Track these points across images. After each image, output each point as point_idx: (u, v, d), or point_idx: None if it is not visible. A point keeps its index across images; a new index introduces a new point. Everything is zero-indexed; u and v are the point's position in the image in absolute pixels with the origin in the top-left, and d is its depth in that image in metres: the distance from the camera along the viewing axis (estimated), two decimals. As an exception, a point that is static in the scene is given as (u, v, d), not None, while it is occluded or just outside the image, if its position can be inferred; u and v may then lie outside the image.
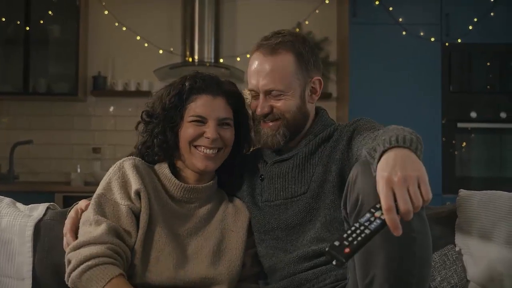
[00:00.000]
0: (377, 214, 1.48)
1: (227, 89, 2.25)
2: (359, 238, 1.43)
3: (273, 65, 2.18)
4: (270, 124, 2.21)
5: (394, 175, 1.49)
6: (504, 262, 2.18)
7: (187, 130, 2.17)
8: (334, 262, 1.42)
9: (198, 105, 2.17)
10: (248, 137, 2.36)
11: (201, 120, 2.17)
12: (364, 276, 1.68)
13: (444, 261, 2.25)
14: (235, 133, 2.26)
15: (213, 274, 2.10)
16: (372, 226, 1.45)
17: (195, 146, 2.17)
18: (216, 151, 2.18)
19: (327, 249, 1.43)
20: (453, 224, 2.32)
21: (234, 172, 2.37)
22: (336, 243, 1.42)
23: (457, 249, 2.28)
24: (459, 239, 2.30)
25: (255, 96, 2.24)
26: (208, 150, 2.16)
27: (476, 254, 2.24)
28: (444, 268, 2.24)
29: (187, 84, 2.20)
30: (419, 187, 1.49)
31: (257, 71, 2.21)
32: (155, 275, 2.02)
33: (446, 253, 2.26)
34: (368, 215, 1.49)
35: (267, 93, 2.19)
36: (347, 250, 1.41)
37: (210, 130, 2.15)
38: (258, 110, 2.21)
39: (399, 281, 1.63)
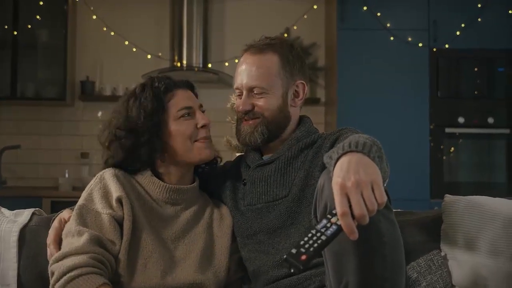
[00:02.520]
0: (333, 219, 1.49)
1: (185, 81, 2.30)
2: (316, 245, 1.43)
3: (258, 63, 2.23)
4: (250, 122, 2.24)
5: (347, 180, 1.50)
6: (489, 267, 2.19)
7: (180, 128, 2.17)
8: (292, 270, 1.42)
9: (180, 98, 2.20)
10: None
11: (189, 112, 2.18)
12: (338, 282, 1.69)
13: (429, 266, 2.26)
14: None
15: (201, 279, 2.09)
16: (329, 232, 1.46)
17: (197, 140, 2.19)
18: (210, 138, 2.23)
19: (285, 256, 1.44)
20: (438, 229, 2.33)
21: (213, 175, 2.41)
22: (293, 250, 1.43)
23: (442, 254, 2.29)
24: (445, 244, 2.30)
25: (240, 95, 2.28)
26: (206, 139, 2.21)
27: (461, 259, 2.24)
28: (429, 273, 2.25)
29: (159, 84, 2.19)
30: (373, 190, 1.49)
31: (243, 70, 2.26)
32: (142, 282, 2.01)
33: (432, 258, 2.27)
34: (324, 221, 1.50)
35: (250, 90, 2.23)
36: (303, 257, 1.41)
37: (201, 117, 2.20)
38: (240, 107, 2.24)
39: (372, 286, 1.64)
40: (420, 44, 5.51)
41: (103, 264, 1.93)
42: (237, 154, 2.64)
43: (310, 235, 1.46)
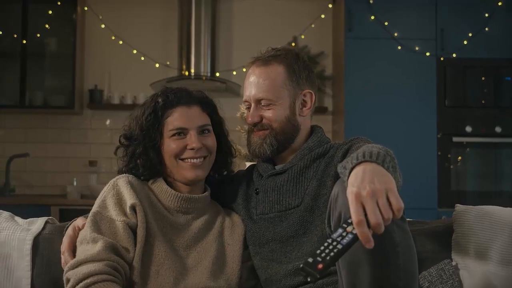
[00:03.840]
0: (349, 228, 1.50)
1: (199, 96, 2.28)
2: (332, 254, 1.44)
3: (264, 75, 2.25)
4: (259, 133, 2.26)
5: (362, 189, 1.51)
6: (500, 277, 2.18)
7: (169, 146, 2.19)
8: (308, 279, 1.43)
9: (176, 118, 2.20)
10: (227, 142, 2.40)
11: (181, 132, 2.19)
12: None
13: (440, 275, 2.26)
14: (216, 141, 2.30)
15: (213, 286, 2.10)
16: (344, 241, 1.47)
17: (182, 159, 2.19)
18: (202, 159, 2.21)
19: (301, 265, 1.44)
20: (449, 239, 2.33)
21: (225, 183, 2.42)
22: (310, 259, 1.44)
23: (453, 263, 2.29)
24: (456, 254, 2.30)
25: (249, 107, 2.29)
26: (194, 160, 2.18)
27: (472, 268, 2.24)
28: (440, 282, 2.25)
29: (160, 100, 2.22)
30: (388, 199, 1.51)
31: (250, 82, 2.28)
32: (155, 289, 2.02)
33: (443, 268, 2.27)
34: (340, 230, 1.51)
35: (258, 102, 2.25)
36: (320, 266, 1.42)
37: (192, 140, 2.18)
38: (249, 120, 2.26)
39: None
40: (428, 53, 5.52)
41: (118, 271, 1.94)
42: (247, 163, 2.65)
43: (326, 244, 1.47)
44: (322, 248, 1.46)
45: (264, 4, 6.25)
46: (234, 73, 6.07)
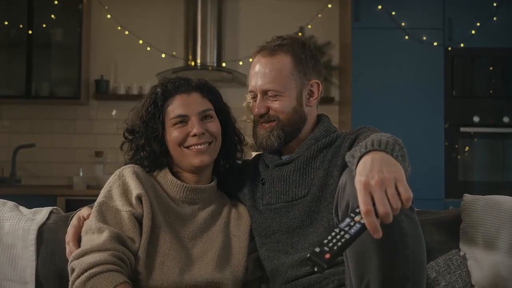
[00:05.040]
0: (357, 218, 1.48)
1: (198, 83, 2.27)
2: (339, 243, 1.43)
3: (270, 66, 2.22)
4: (266, 125, 2.24)
5: (371, 179, 1.49)
6: (509, 267, 2.17)
7: (172, 135, 2.18)
8: (315, 269, 1.42)
9: (176, 106, 2.19)
10: (234, 129, 2.38)
11: (183, 120, 2.18)
12: (359, 282, 1.68)
13: (448, 265, 2.24)
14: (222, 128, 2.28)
15: (219, 277, 2.09)
16: (352, 230, 1.46)
17: (186, 147, 2.18)
18: (207, 145, 2.19)
19: (308, 255, 1.44)
20: (457, 229, 2.31)
21: (231, 173, 2.41)
22: (317, 249, 1.43)
23: (461, 253, 2.28)
24: (464, 244, 2.29)
25: (254, 97, 2.27)
26: (199, 146, 2.17)
27: (481, 259, 2.23)
28: (448, 272, 2.23)
29: (158, 90, 2.22)
30: (397, 188, 1.49)
31: (256, 72, 2.25)
32: (160, 279, 2.01)
33: (451, 258, 2.26)
34: (348, 219, 1.49)
35: (264, 93, 2.22)
36: (327, 256, 1.41)
37: (194, 127, 2.16)
38: (255, 111, 2.24)
39: (394, 286, 1.63)
40: (435, 43, 5.49)
41: (123, 261, 1.93)
42: (253, 153, 2.64)
43: (333, 234, 1.46)
44: (329, 238, 1.45)
45: (270, -6, 6.23)
46: (241, 63, 6.05)
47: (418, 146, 5.25)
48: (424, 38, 5.50)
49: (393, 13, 5.52)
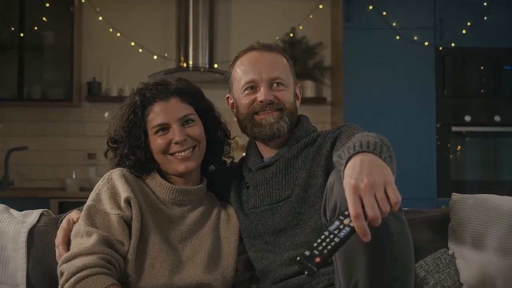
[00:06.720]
0: (346, 221, 1.48)
1: (176, 88, 2.23)
2: (329, 247, 1.43)
3: (273, 58, 2.26)
4: (273, 113, 2.21)
5: (360, 182, 1.49)
6: (497, 265, 2.18)
7: (155, 143, 2.17)
8: (306, 272, 1.42)
9: (156, 114, 2.18)
10: (219, 125, 2.37)
11: (163, 128, 2.17)
12: (347, 282, 1.68)
13: (437, 264, 2.26)
14: (205, 126, 2.27)
15: (209, 279, 2.10)
16: (342, 233, 1.46)
17: (171, 154, 2.17)
18: (191, 150, 2.18)
19: (298, 258, 1.43)
20: (446, 228, 2.32)
21: (217, 178, 2.41)
22: (307, 252, 1.43)
23: (450, 252, 2.29)
24: (452, 243, 2.29)
25: (249, 88, 2.24)
26: (182, 153, 2.16)
27: (469, 257, 2.24)
28: (437, 271, 2.25)
29: (137, 99, 2.20)
30: (386, 192, 1.49)
31: (257, 64, 2.24)
32: (150, 282, 2.01)
33: (439, 257, 2.27)
34: (337, 222, 1.49)
35: (271, 82, 2.22)
36: (317, 259, 1.41)
37: (175, 134, 2.15)
38: (262, 98, 2.20)
39: (382, 285, 1.64)
40: (426, 43, 5.50)
41: (112, 264, 1.94)
42: (244, 155, 2.63)
43: (323, 237, 1.46)
44: (319, 241, 1.45)
45: (262, -5, 6.24)
46: (233, 64, 6.03)
47: (410, 146, 5.27)
48: (415, 38, 5.51)
49: (384, 13, 5.53)
